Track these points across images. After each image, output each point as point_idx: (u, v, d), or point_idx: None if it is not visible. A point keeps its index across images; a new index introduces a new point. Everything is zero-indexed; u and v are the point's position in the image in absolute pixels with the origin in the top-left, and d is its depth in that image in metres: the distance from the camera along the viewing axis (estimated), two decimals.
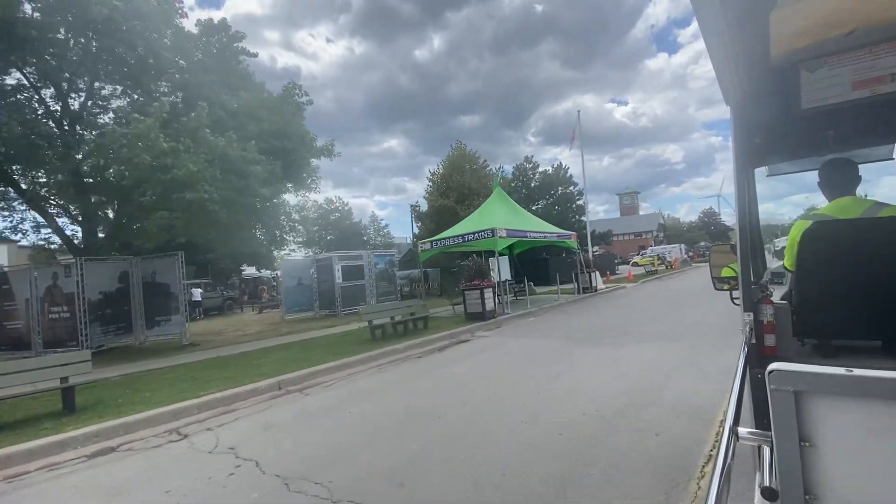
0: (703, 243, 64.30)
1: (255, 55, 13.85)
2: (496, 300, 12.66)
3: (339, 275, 18.51)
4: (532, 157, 35.29)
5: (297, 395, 6.46)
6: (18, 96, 11.27)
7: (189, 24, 12.60)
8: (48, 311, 12.07)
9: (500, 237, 13.43)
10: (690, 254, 57.77)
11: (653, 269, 32.83)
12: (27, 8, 9.93)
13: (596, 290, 19.50)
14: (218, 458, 4.26)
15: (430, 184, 28.13)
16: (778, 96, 2.07)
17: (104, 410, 5.84)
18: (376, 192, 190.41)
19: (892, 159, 2.81)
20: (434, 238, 15.36)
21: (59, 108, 11.40)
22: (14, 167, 11.78)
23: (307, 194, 20.28)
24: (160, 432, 5.22)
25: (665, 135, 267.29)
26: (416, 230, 29.01)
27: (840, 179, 2.25)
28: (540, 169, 35.16)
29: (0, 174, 11.54)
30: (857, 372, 1.10)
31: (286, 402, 6.20)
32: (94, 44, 10.65)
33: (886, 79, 1.74)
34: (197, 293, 23.60)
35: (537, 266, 25.19)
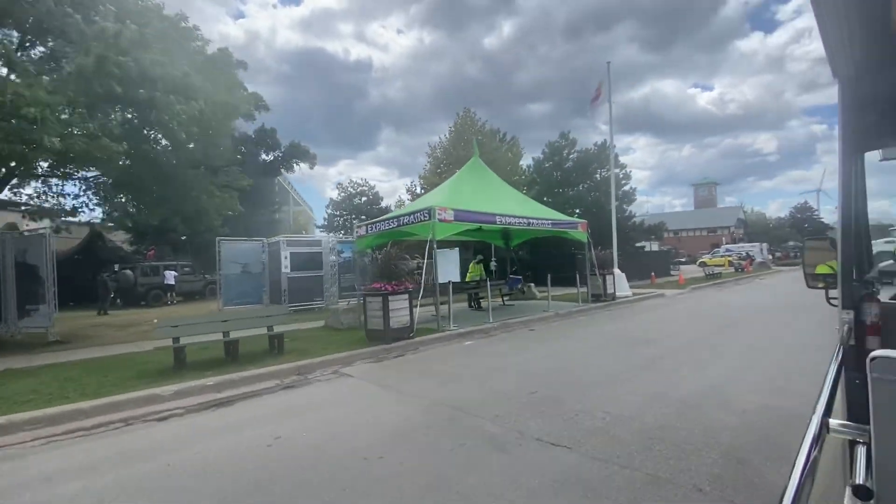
0: (791, 242, 53.91)
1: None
2: (414, 312, 8.56)
3: (286, 263, 15.40)
4: (569, 132, 29.65)
5: None
6: None
7: None
8: None
9: (439, 220, 9.29)
10: (778, 254, 48.31)
11: (717, 272, 26.35)
12: None
13: (614, 299, 14.57)
14: None
15: (430, 159, 23.99)
16: None
17: None
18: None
19: None
20: (371, 221, 11.54)
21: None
22: None
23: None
24: None
25: (756, 123, 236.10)
26: None
27: None
28: (578, 147, 29.50)
29: None
30: None
31: None
32: None
33: None
34: (170, 276, 21.72)
35: (553, 262, 20.39)
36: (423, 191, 22.93)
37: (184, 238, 23.12)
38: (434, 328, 9.30)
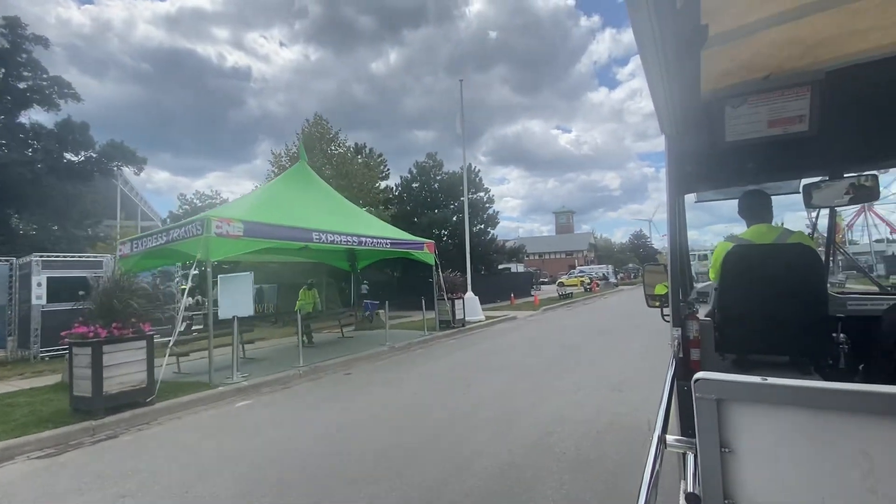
0: (631, 265, 61.64)
1: None
2: (157, 364, 6.05)
3: (39, 291, 11.28)
4: (436, 153, 29.34)
5: None
6: None
7: None
8: None
9: (218, 235, 6.95)
10: (620, 275, 54.45)
11: (569, 292, 27.87)
12: None
13: (463, 325, 13.51)
14: None
15: (274, 168, 21.20)
16: (706, 129, 2.23)
17: None
18: None
19: (799, 193, 2.64)
20: (136, 237, 8.67)
21: None
22: None
23: None
24: None
25: (605, 163, 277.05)
26: None
27: (756, 208, 2.40)
28: (446, 169, 29.24)
29: None
30: (771, 380, 1.12)
31: None
32: None
33: (796, 120, 2.00)
34: None
35: (419, 285, 19.00)
36: None
37: None
38: (207, 383, 6.82)
